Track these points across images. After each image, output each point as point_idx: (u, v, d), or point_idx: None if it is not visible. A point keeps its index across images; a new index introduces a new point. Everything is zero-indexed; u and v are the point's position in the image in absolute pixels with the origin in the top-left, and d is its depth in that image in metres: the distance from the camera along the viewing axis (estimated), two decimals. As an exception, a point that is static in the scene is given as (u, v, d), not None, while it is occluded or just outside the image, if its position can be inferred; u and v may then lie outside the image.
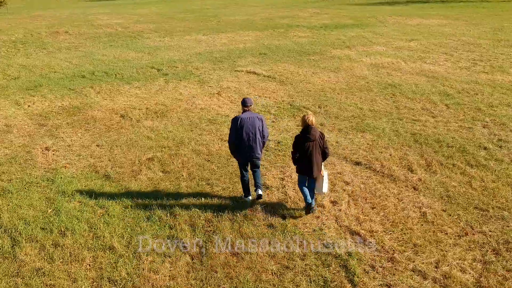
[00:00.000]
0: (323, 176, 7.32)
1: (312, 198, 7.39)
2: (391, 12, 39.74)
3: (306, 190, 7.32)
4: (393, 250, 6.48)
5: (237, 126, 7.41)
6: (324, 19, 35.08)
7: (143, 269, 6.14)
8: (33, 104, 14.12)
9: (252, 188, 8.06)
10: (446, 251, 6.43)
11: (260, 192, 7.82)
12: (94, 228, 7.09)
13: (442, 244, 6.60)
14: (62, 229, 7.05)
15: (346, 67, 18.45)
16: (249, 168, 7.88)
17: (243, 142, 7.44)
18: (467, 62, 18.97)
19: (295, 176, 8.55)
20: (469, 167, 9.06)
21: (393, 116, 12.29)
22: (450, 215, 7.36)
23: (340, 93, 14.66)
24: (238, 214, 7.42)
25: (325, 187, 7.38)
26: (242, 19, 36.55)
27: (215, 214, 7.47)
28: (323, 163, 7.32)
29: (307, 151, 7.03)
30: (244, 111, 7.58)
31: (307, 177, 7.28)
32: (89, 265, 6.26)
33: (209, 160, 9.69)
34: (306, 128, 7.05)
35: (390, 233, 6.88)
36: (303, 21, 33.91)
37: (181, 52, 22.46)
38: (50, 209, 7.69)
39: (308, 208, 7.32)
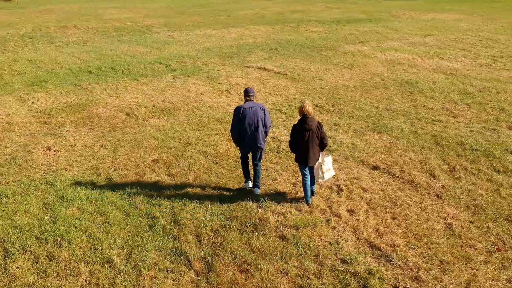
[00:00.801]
0: (321, 164, 7.33)
1: (312, 184, 7.48)
2: (404, 7, 38.87)
3: (308, 187, 7.36)
4: (418, 267, 5.90)
5: (239, 116, 7.39)
6: (336, 14, 34.35)
7: (144, 286, 5.62)
8: (37, 100, 13.67)
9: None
10: (476, 270, 5.84)
11: (257, 192, 7.80)
12: (93, 238, 6.58)
13: (471, 261, 6.01)
14: (58, 239, 6.55)
15: (360, 63, 17.79)
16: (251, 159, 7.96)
17: (245, 132, 7.42)
18: (487, 59, 18.23)
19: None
20: (496, 173, 8.43)
21: (412, 116, 11.66)
22: (479, 228, 6.75)
23: (355, 91, 14.03)
24: (248, 224, 6.87)
25: (328, 175, 7.43)
26: (252, 13, 35.90)
27: (222, 223, 6.93)
28: (322, 152, 7.36)
29: (304, 141, 7.08)
30: (246, 101, 7.56)
31: (307, 166, 7.27)
32: (85, 280, 5.75)
33: (217, 163, 9.16)
34: (303, 117, 7.08)
35: (414, 248, 6.30)
36: (315, 16, 33.21)
37: (190, 47, 21.92)
38: (47, 216, 7.20)
39: (306, 202, 7.42)
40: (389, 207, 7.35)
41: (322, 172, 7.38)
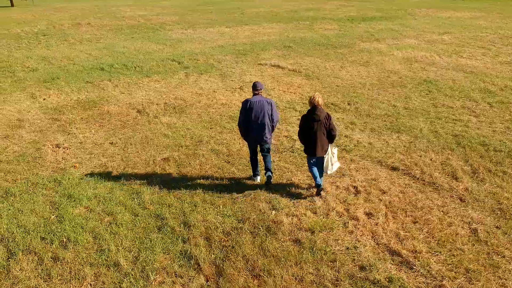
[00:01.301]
0: (329, 154, 7.34)
1: (321, 176, 7.39)
2: (419, 5, 38.24)
3: (315, 170, 7.34)
4: (442, 276, 5.53)
5: (246, 108, 7.47)
6: (350, 12, 33.88)
7: (151, 292, 5.36)
8: (48, 97, 13.53)
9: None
10: (505, 279, 5.45)
11: (269, 174, 7.79)
12: (99, 239, 6.33)
13: (499, 270, 5.62)
14: (64, 240, 6.31)
15: (376, 61, 17.37)
16: (259, 151, 7.90)
17: (252, 125, 7.49)
18: (508, 57, 17.68)
19: (323, 182, 7.70)
20: (522, 175, 8.01)
21: (431, 115, 11.24)
22: (506, 234, 6.35)
23: (371, 89, 13.64)
24: (261, 227, 6.56)
25: (335, 166, 7.44)
26: (266, 11, 35.58)
27: (234, 226, 6.63)
28: (331, 144, 7.33)
29: (312, 131, 7.09)
30: (254, 94, 7.60)
31: (315, 156, 7.26)
32: (90, 284, 5.49)
33: (229, 162, 8.87)
34: (313, 108, 7.11)
35: (437, 255, 5.93)
36: (329, 14, 32.77)
37: (203, 44, 21.68)
38: (53, 215, 6.97)
39: (318, 190, 7.36)
40: (410, 210, 6.98)
41: (331, 164, 7.40)
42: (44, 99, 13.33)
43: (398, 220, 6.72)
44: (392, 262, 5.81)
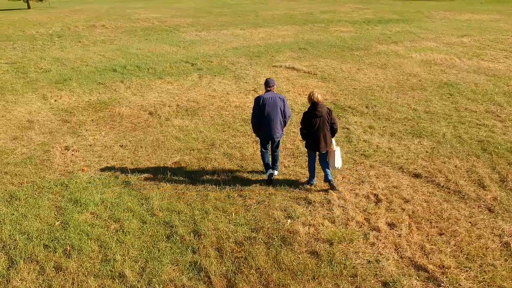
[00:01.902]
0: (335, 151, 7.37)
1: (328, 174, 7.42)
2: (437, 7, 37.60)
3: (314, 170, 7.55)
4: (473, 294, 5.09)
5: (259, 104, 7.51)
6: (366, 14, 33.38)
7: (158, 306, 5.00)
8: (60, 98, 13.33)
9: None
10: (543, 300, 5.00)
11: (275, 174, 7.93)
12: (105, 248, 5.99)
13: (537, 289, 5.16)
14: (68, 248, 5.99)
15: (395, 63, 16.88)
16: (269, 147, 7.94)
17: (264, 121, 7.52)
18: (532, 60, 17.05)
19: (341, 187, 7.30)
20: (555, 184, 7.50)
21: (453, 119, 10.74)
22: (541, 248, 5.88)
23: (390, 92, 13.17)
24: (275, 237, 6.16)
25: (338, 162, 7.44)
26: (280, 13, 35.24)
27: (247, 235, 6.24)
28: (333, 139, 7.41)
29: (314, 127, 7.18)
30: (267, 91, 7.66)
31: (317, 152, 7.35)
32: (94, 297, 5.17)
33: (242, 166, 8.49)
34: (313, 104, 7.21)
35: (467, 270, 5.47)
36: (345, 16, 32.31)
37: (217, 46, 21.39)
38: (58, 221, 6.66)
39: (308, 183, 7.60)
40: (435, 221, 6.52)
41: (335, 159, 7.40)
42: (55, 100, 13.13)
43: (423, 231, 6.27)
44: (417, 278, 5.36)
